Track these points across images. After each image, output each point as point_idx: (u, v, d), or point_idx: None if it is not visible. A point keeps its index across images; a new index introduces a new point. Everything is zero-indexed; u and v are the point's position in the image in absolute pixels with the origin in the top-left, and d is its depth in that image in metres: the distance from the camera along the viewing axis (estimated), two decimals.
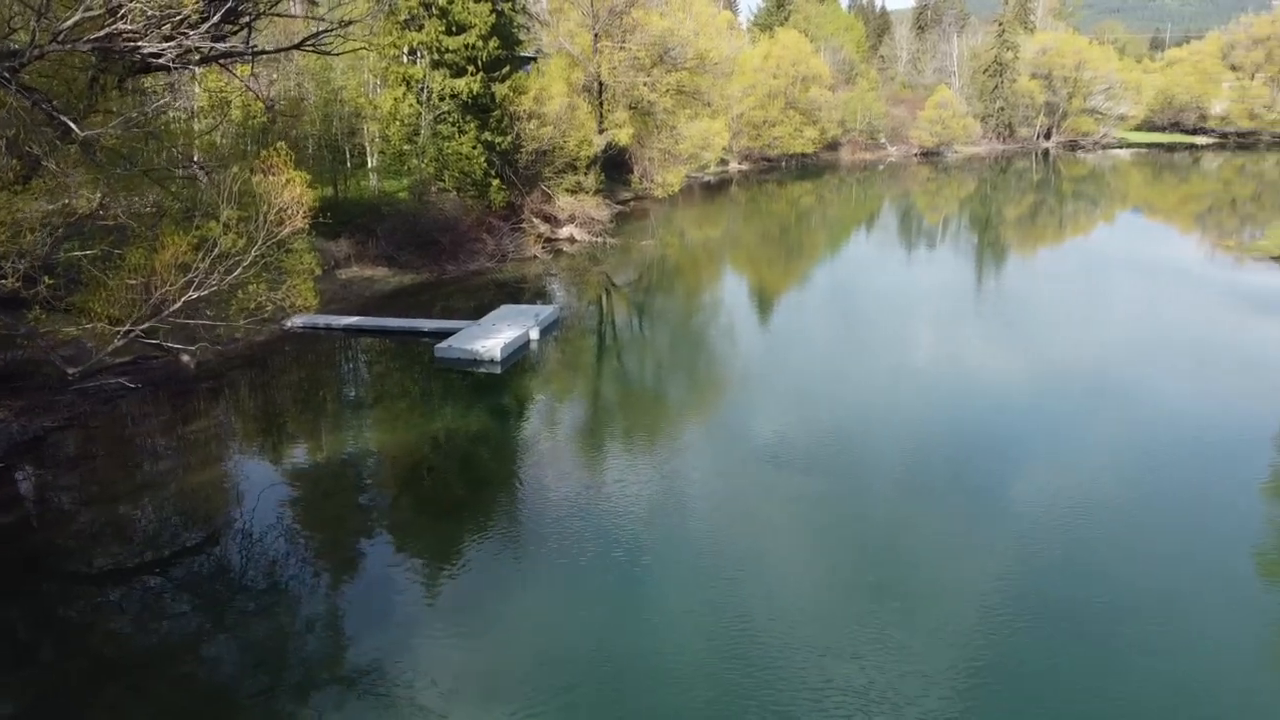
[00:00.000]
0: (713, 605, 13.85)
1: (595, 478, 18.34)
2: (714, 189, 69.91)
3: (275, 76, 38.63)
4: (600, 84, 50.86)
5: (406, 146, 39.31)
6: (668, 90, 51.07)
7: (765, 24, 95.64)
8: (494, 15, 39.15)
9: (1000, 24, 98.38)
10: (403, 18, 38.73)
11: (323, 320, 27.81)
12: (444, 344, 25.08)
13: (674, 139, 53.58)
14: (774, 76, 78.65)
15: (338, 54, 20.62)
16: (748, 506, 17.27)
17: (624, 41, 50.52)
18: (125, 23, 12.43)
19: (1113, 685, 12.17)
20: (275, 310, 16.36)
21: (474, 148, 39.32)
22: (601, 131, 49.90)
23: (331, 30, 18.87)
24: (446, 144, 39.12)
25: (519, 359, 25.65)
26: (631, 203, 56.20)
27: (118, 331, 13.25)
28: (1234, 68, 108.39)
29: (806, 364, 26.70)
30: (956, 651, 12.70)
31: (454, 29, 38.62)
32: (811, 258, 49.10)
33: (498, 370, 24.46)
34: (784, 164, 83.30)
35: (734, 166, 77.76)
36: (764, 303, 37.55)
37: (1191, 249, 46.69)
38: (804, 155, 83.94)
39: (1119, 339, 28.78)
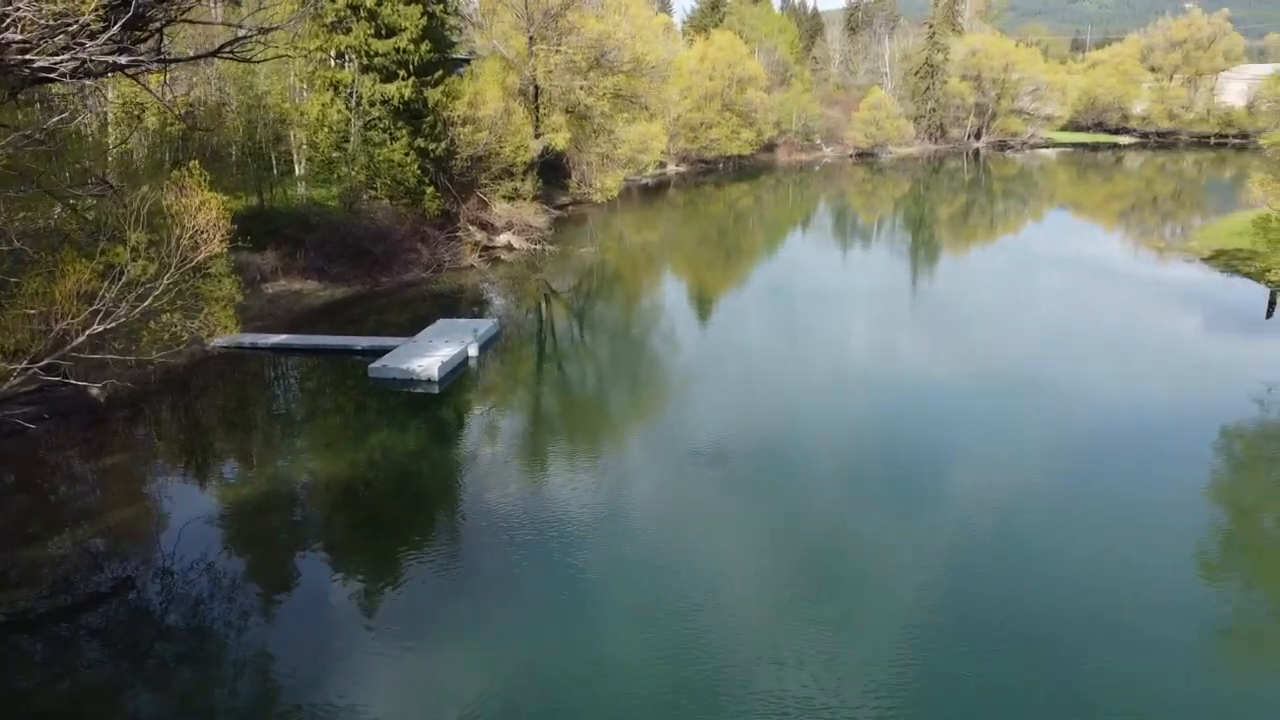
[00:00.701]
0: (660, 627, 13.47)
1: (540, 505, 17.64)
2: (652, 191, 69.58)
3: (196, 80, 37.02)
4: (536, 87, 50.00)
5: (335, 154, 37.99)
6: (605, 94, 50.44)
7: (700, 25, 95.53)
8: (425, 18, 38.04)
9: (930, 26, 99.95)
10: (329, 20, 37.39)
11: (248, 339, 26.47)
12: (378, 363, 24.02)
13: (612, 143, 52.97)
14: (710, 78, 78.57)
15: (259, 61, 19.56)
16: (691, 519, 16.99)
17: (559, 44, 49.73)
18: (14, 32, 11.38)
19: (1048, 685, 12.15)
20: (191, 340, 15.25)
21: (407, 154, 38.18)
22: (538, 136, 49.07)
23: (250, 37, 17.83)
24: (378, 151, 37.90)
25: (458, 377, 24.73)
26: (570, 207, 55.49)
27: (14, 370, 12.16)
28: (1153, 69, 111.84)
29: (747, 369, 26.71)
30: (903, 664, 12.61)
31: (384, 32, 37.43)
32: (750, 260, 49.21)
33: (435, 390, 23.50)
34: (721, 166, 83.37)
35: (671, 168, 77.44)
36: (704, 307, 37.45)
37: (1122, 249, 47.79)
38: (741, 157, 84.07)
39: (1055, 339, 29.11)
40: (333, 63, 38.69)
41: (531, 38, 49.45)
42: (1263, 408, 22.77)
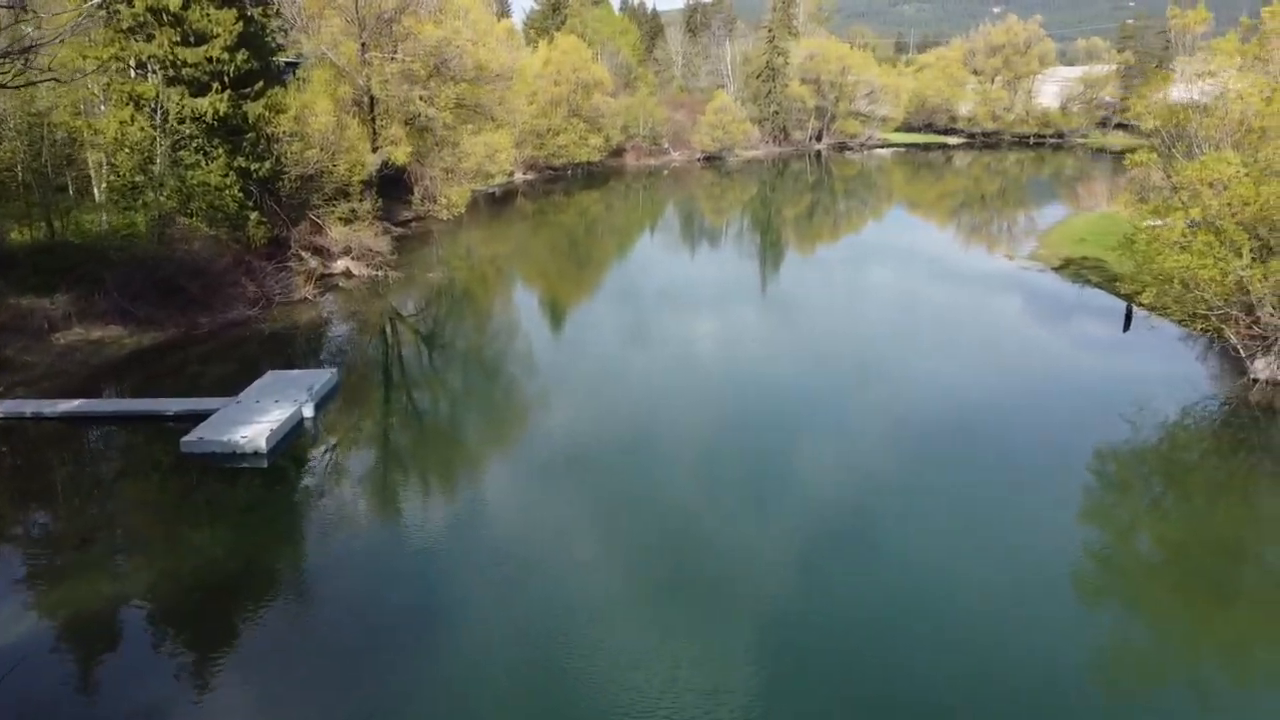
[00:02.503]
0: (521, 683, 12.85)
1: (391, 589, 15.39)
2: (499, 201, 66.78)
3: None
4: (371, 98, 46.43)
5: (140, 177, 33.44)
6: (447, 104, 47.18)
7: (542, 27, 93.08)
8: (241, 23, 34.12)
9: (770, 29, 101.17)
10: (125, 25, 32.84)
11: (30, 407, 22.34)
12: (193, 435, 20.31)
13: (457, 155, 49.86)
14: (555, 83, 76.40)
15: (13, 86, 16.03)
16: (549, 556, 16.39)
17: (395, 51, 46.37)
18: None
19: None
20: None
21: (225, 176, 34.19)
22: (375, 150, 45.55)
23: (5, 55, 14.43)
24: (190, 173, 33.70)
25: (290, 444, 21.26)
26: (413, 224, 52.12)
27: None
28: (976, 72, 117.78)
29: (603, 382, 26.63)
30: (759, 672, 13.04)
31: (192, 39, 33.30)
32: (603, 269, 48.08)
33: (264, 464, 20.03)
34: (570, 172, 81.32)
35: (519, 177, 74.75)
36: (559, 322, 36.28)
37: (972, 259, 48.45)
38: (590, 163, 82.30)
39: (912, 357, 28.80)
40: (133, 73, 34.18)
41: (364, 44, 45.90)
42: (1134, 429, 22.79)
